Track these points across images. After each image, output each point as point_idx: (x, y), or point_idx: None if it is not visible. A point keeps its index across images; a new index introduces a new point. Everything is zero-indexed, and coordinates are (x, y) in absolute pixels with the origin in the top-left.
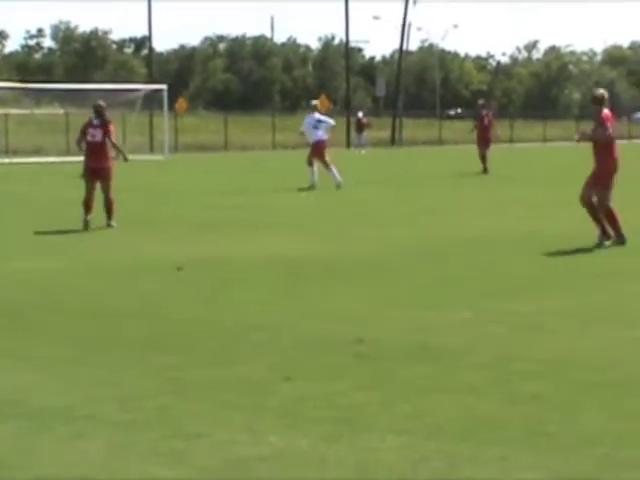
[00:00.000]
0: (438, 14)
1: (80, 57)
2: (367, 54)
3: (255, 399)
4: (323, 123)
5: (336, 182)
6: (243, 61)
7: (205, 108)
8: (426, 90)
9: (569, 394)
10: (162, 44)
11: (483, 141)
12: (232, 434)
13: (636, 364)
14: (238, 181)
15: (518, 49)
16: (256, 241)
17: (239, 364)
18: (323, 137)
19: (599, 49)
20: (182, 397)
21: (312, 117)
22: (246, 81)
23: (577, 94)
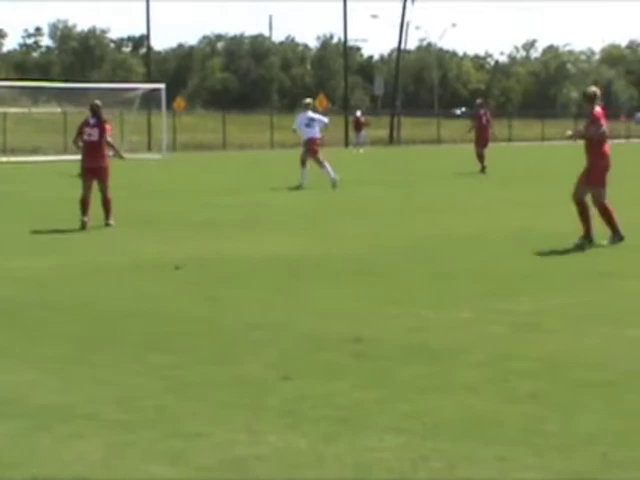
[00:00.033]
0: (436, 13)
1: (78, 56)
2: (365, 53)
3: (254, 398)
4: (316, 121)
5: (331, 179)
6: (241, 60)
7: (203, 107)
8: (424, 89)
9: (567, 393)
10: (160, 43)
11: (481, 140)
12: (231, 433)
13: (634, 362)
14: (236, 180)
15: (516, 48)
16: (254, 240)
17: (238, 363)
18: (316, 135)
19: (597, 48)
20: (181, 396)
21: (305, 115)
22: (244, 80)
23: (575, 93)
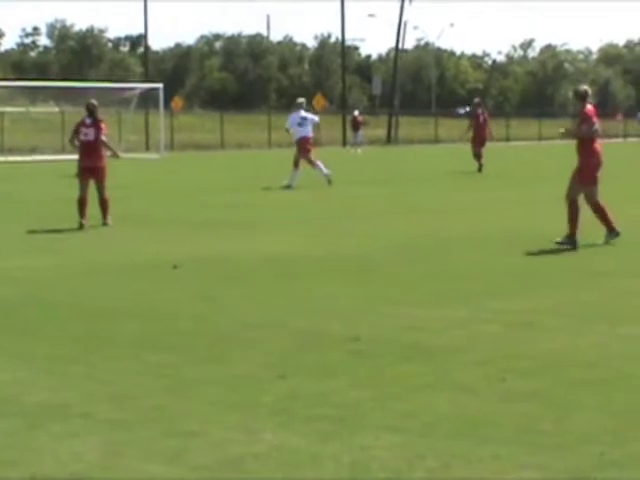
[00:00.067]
0: (434, 12)
1: (76, 55)
2: (363, 52)
3: (250, 397)
4: (308, 120)
5: (325, 175)
6: (239, 59)
7: (201, 106)
8: (422, 88)
9: (563, 392)
10: (158, 42)
11: (478, 139)
12: (227, 432)
13: (629, 361)
14: (234, 179)
15: (514, 47)
16: (251, 239)
17: (234, 362)
18: (308, 134)
19: (595, 48)
20: (177, 395)
21: (297, 114)
22: (242, 79)
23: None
